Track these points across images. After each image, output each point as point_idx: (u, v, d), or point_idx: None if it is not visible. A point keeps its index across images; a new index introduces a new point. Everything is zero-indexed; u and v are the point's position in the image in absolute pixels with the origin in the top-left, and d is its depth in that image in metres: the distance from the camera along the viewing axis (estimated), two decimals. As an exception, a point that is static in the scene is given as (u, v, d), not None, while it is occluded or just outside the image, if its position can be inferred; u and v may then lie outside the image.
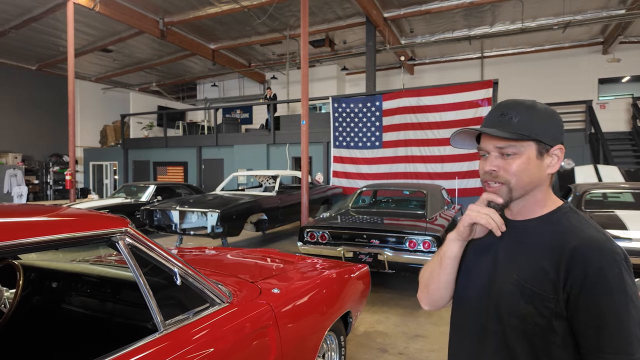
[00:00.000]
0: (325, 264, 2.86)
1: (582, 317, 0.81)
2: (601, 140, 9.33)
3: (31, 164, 15.27)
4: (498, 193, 0.93)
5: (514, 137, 0.90)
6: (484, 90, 8.95)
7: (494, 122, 0.94)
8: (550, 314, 0.84)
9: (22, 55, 14.26)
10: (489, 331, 0.93)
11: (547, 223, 0.92)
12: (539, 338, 0.85)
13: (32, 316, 2.08)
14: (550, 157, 0.93)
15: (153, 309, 1.39)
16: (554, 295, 0.84)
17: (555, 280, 0.84)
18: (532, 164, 0.91)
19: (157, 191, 9.01)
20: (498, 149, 0.93)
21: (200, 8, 11.07)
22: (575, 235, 0.86)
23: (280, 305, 1.92)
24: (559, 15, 10.89)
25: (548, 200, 0.96)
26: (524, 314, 0.86)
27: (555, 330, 0.84)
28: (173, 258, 1.57)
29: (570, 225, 0.89)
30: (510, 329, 0.88)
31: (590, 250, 0.83)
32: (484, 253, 1.00)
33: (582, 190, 5.63)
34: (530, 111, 0.92)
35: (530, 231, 0.93)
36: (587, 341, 0.81)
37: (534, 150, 0.91)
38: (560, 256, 0.85)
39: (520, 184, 0.92)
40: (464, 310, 1.01)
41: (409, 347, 3.37)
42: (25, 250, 1.21)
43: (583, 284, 0.81)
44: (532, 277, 0.87)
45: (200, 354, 1.42)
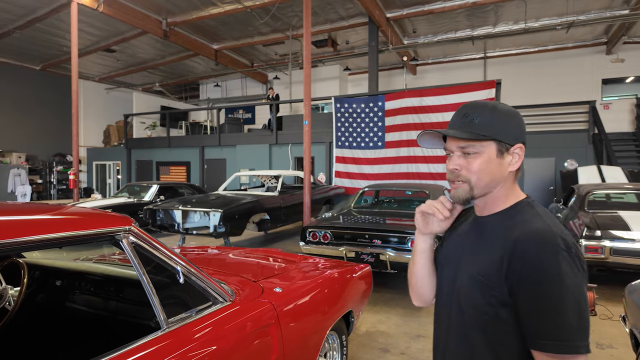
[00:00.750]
0: (327, 263, 2.86)
1: (522, 305, 0.85)
2: (604, 141, 9.30)
3: (35, 164, 15.36)
4: (459, 191, 0.98)
5: (473, 138, 0.94)
6: (487, 91, 8.94)
7: (457, 124, 0.98)
8: (497, 303, 0.88)
9: (26, 55, 14.35)
10: (453, 321, 0.99)
11: (504, 217, 0.96)
12: (491, 327, 0.90)
13: (37, 314, 2.09)
14: (510, 155, 0.96)
15: (156, 307, 1.40)
16: (498, 286, 0.88)
17: (499, 270, 0.88)
18: (493, 163, 0.95)
19: (160, 191, 9.04)
20: (460, 149, 0.97)
21: (203, 8, 11.10)
22: (520, 227, 0.90)
23: (283, 305, 1.93)
24: (563, 16, 10.86)
25: (510, 196, 0.99)
26: (476, 304, 0.92)
27: (503, 319, 0.88)
28: (176, 256, 1.58)
29: (520, 218, 0.93)
30: (468, 319, 0.94)
31: (530, 241, 0.86)
32: (455, 247, 1.06)
33: (585, 190, 5.61)
34: (491, 112, 0.96)
35: (488, 226, 0.98)
36: (527, 329, 0.85)
37: (494, 149, 0.95)
38: (504, 247, 0.89)
39: (481, 182, 0.96)
40: (439, 302, 1.08)
41: (410, 347, 3.37)
42: (29, 248, 1.22)
43: (522, 273, 0.85)
44: (482, 268, 0.92)
45: (202, 352, 1.43)
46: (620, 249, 4.43)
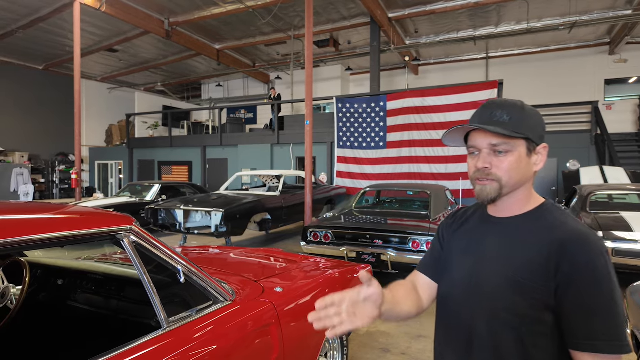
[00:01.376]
0: (328, 263, 2.86)
1: (571, 306, 0.83)
2: (607, 142, 9.27)
3: (38, 163, 15.41)
4: (488, 189, 0.95)
5: (509, 134, 0.91)
6: (489, 91, 8.92)
7: (486, 121, 0.95)
8: (542, 306, 0.86)
9: (29, 55, 14.40)
10: (478, 327, 0.94)
11: (533, 218, 0.95)
12: (528, 329, 0.87)
13: (38, 313, 2.10)
14: (536, 155, 0.96)
15: (157, 306, 1.40)
16: (544, 287, 0.86)
17: (545, 272, 0.86)
18: (523, 162, 0.94)
19: (162, 190, 9.06)
20: (491, 147, 0.94)
21: (205, 8, 11.12)
22: (562, 229, 0.89)
23: (283, 304, 1.93)
24: (565, 16, 10.83)
25: (531, 197, 0.98)
26: (514, 308, 0.88)
27: (544, 321, 0.86)
28: (177, 256, 1.59)
29: (555, 220, 0.92)
30: (501, 323, 0.90)
31: (578, 242, 0.85)
32: (468, 252, 1.01)
33: (587, 191, 5.60)
34: (520, 110, 0.95)
35: (517, 227, 0.95)
36: (577, 330, 0.83)
37: (524, 148, 0.94)
38: (550, 248, 0.87)
39: (511, 181, 0.94)
40: (450, 308, 1.02)
41: (411, 347, 3.37)
42: (31, 247, 1.23)
43: (572, 275, 0.83)
44: (522, 270, 0.89)
45: (203, 351, 1.43)
46: (622, 250, 4.41)
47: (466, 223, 1.07)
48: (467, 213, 1.11)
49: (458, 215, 1.13)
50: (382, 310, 0.88)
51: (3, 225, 1.19)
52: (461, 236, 1.05)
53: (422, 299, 1.11)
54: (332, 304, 0.85)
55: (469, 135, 1.00)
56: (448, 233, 1.11)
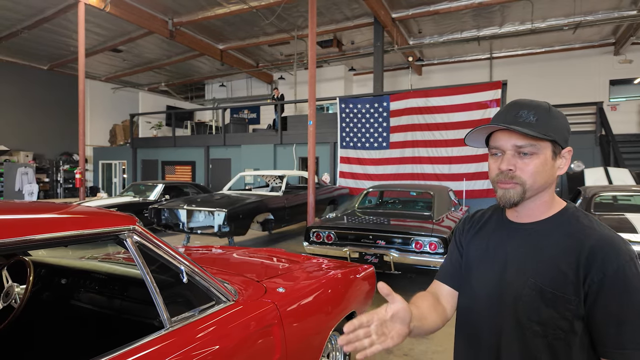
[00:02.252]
0: (331, 264, 2.86)
1: (601, 315, 0.81)
2: (612, 143, 9.21)
3: (42, 163, 15.50)
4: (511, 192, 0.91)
5: (538, 136, 0.87)
6: (493, 91, 8.89)
7: (512, 121, 0.91)
8: (572, 316, 0.84)
9: (34, 55, 14.49)
10: (506, 338, 0.91)
11: (557, 224, 0.91)
12: (561, 341, 0.85)
13: (42, 312, 2.11)
14: (561, 158, 0.93)
15: (159, 306, 1.40)
16: (575, 297, 0.84)
17: (574, 281, 0.84)
18: (548, 165, 0.91)
19: (165, 190, 9.09)
20: (516, 148, 0.90)
21: (208, 9, 11.15)
22: (589, 235, 0.86)
23: (286, 305, 1.93)
24: (570, 16, 10.78)
25: (554, 201, 0.95)
26: (545, 319, 0.85)
27: (576, 331, 0.84)
28: (180, 256, 1.59)
29: (581, 225, 0.89)
30: (531, 335, 0.87)
31: (607, 249, 0.83)
32: (490, 259, 0.97)
33: (592, 192, 5.56)
34: (546, 112, 0.91)
35: (541, 233, 0.92)
36: (607, 339, 0.81)
37: (550, 151, 0.90)
38: (578, 256, 0.84)
39: (535, 185, 0.90)
40: (473, 319, 0.99)
41: (414, 348, 3.36)
42: (34, 247, 1.23)
43: (602, 282, 0.81)
44: (551, 280, 0.86)
45: (205, 351, 1.43)
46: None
47: (484, 227, 1.04)
48: (484, 217, 1.07)
49: (475, 219, 1.09)
50: (410, 327, 0.86)
51: (7, 224, 1.19)
52: (479, 241, 1.02)
53: (446, 309, 1.07)
54: (361, 325, 0.82)
55: (491, 136, 0.96)
56: (465, 238, 1.07)
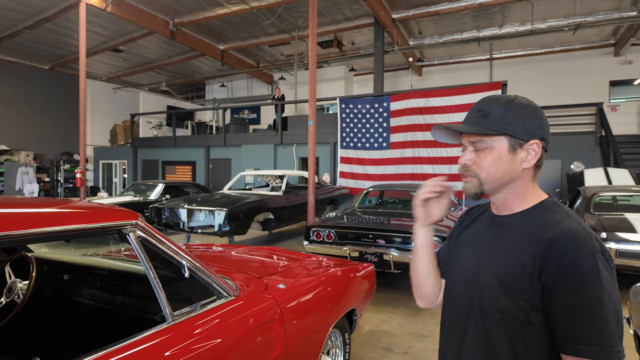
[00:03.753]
0: (331, 262, 2.88)
1: (556, 308, 0.81)
2: (612, 143, 9.22)
3: (42, 162, 15.52)
4: (469, 185, 0.97)
5: (480, 133, 0.91)
6: (493, 92, 8.91)
7: (470, 118, 0.96)
8: (527, 306, 0.84)
9: (35, 55, 14.52)
10: (472, 325, 0.94)
11: (529, 217, 0.93)
12: (517, 331, 0.86)
13: (44, 307, 2.13)
14: (525, 151, 0.92)
15: (162, 300, 1.42)
16: (530, 287, 0.84)
17: (531, 272, 0.84)
18: (504, 159, 0.92)
19: (166, 190, 9.11)
20: (472, 144, 0.96)
21: (209, 9, 11.18)
22: (553, 227, 0.86)
23: (286, 301, 1.95)
24: (570, 17, 10.80)
25: (529, 194, 0.96)
26: (503, 307, 0.87)
27: (532, 322, 0.85)
28: (182, 251, 1.61)
29: (550, 218, 0.89)
30: (491, 322, 0.90)
31: (566, 241, 0.82)
32: (470, 248, 1.02)
33: (591, 192, 5.58)
34: (505, 106, 0.92)
35: (511, 225, 0.94)
36: (562, 332, 0.81)
37: (506, 145, 0.92)
38: (537, 248, 0.85)
39: (490, 178, 0.93)
40: (450, 304, 1.03)
41: (413, 346, 3.38)
42: (39, 240, 1.25)
43: (558, 274, 0.81)
44: (511, 270, 0.88)
45: (206, 344, 1.45)
46: (626, 251, 4.40)
47: (475, 221, 1.08)
48: (478, 211, 1.10)
49: (469, 214, 1.13)
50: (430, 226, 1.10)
51: (12, 217, 1.21)
52: (467, 234, 1.06)
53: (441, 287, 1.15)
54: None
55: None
56: (457, 231, 1.12)
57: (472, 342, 0.94)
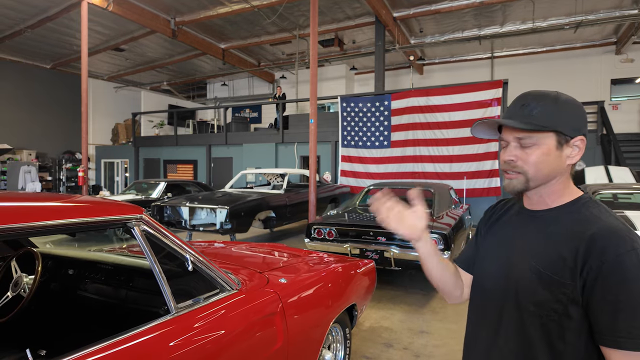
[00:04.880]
0: (332, 258, 2.91)
1: (598, 303, 0.83)
2: (613, 142, 9.23)
3: (45, 161, 15.58)
4: (514, 182, 0.96)
5: (531, 128, 0.91)
6: (494, 90, 8.92)
7: (515, 113, 0.94)
8: (567, 300, 0.86)
9: (37, 54, 14.56)
10: (506, 318, 0.95)
11: (567, 212, 0.93)
12: (555, 323, 0.87)
13: (50, 301, 2.16)
14: (570, 147, 0.93)
15: (166, 292, 1.45)
16: (571, 282, 0.85)
17: (572, 267, 0.86)
18: (552, 155, 0.92)
19: (167, 188, 9.15)
20: (517, 140, 0.94)
21: (211, 8, 11.20)
22: (594, 223, 0.87)
23: (287, 295, 1.98)
24: (571, 15, 10.79)
25: (566, 190, 0.96)
26: (541, 300, 0.89)
27: (571, 315, 0.86)
28: (185, 245, 1.64)
29: (589, 214, 0.90)
30: (527, 315, 0.91)
31: (608, 237, 0.84)
32: (501, 243, 1.02)
33: (591, 190, 5.59)
34: (552, 102, 0.92)
35: (549, 220, 0.95)
36: (602, 325, 0.82)
37: (554, 141, 0.92)
38: (579, 243, 0.86)
39: (539, 174, 0.93)
40: (481, 298, 1.04)
41: (413, 342, 3.40)
42: (46, 233, 1.28)
43: (600, 270, 0.82)
44: (550, 264, 0.89)
45: (210, 336, 1.48)
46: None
47: (504, 215, 1.08)
48: (506, 205, 1.11)
49: (497, 208, 1.13)
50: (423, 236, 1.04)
51: (21, 211, 1.24)
52: (497, 228, 1.07)
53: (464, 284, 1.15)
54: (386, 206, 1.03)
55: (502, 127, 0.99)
56: (486, 225, 1.12)
57: (507, 335, 0.95)
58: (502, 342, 0.96)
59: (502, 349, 0.95)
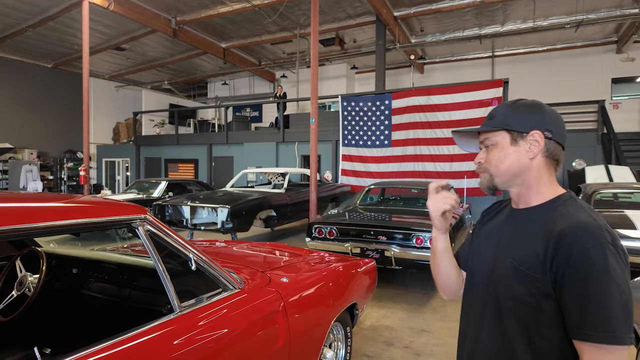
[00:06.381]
0: (333, 257, 2.93)
1: (566, 296, 0.86)
2: (613, 141, 9.23)
3: (46, 160, 15.61)
4: (482, 179, 1.07)
5: (483, 130, 1.04)
6: (494, 90, 8.92)
7: (484, 123, 1.07)
8: (539, 294, 0.89)
9: (38, 54, 14.58)
10: (489, 313, 1.00)
11: (545, 210, 0.97)
12: (530, 317, 0.91)
13: (54, 300, 2.19)
14: (527, 143, 0.99)
15: (170, 291, 1.47)
16: (542, 276, 0.89)
17: (543, 262, 0.89)
18: (508, 151, 1.00)
19: (169, 187, 9.17)
20: (482, 144, 1.07)
21: (212, 7, 11.21)
22: (566, 219, 0.91)
23: (289, 294, 2.00)
24: (572, 14, 10.78)
25: (545, 187, 1.00)
26: (516, 295, 0.93)
27: (544, 309, 0.89)
28: (189, 245, 1.66)
29: (565, 211, 0.94)
30: (506, 310, 0.95)
31: (576, 233, 0.86)
32: (489, 241, 1.07)
33: (592, 190, 5.60)
34: (508, 106, 1.04)
35: (527, 217, 0.99)
36: (572, 319, 0.85)
37: (507, 138, 1.01)
38: (549, 238, 0.90)
39: (498, 170, 1.02)
40: (470, 294, 1.09)
41: (414, 341, 3.43)
42: (52, 233, 1.30)
43: (567, 264, 0.85)
44: (524, 259, 0.93)
45: (212, 334, 1.50)
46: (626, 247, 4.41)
47: (495, 216, 1.14)
48: (500, 206, 1.16)
49: (492, 209, 1.19)
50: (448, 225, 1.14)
51: (28, 211, 1.26)
52: (488, 228, 1.13)
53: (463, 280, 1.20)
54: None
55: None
56: (480, 226, 1.18)
57: (490, 329, 0.99)
58: (485, 336, 1.00)
59: (486, 343, 1.00)
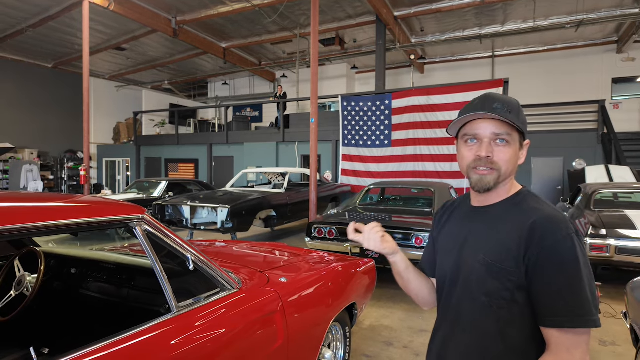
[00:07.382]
0: (332, 257, 2.92)
1: (539, 285, 0.88)
2: (614, 141, 9.21)
3: (47, 160, 15.62)
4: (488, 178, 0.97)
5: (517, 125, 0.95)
6: (495, 89, 8.91)
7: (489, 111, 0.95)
8: (513, 287, 0.91)
9: (38, 54, 14.59)
10: (462, 310, 1.00)
11: (510, 206, 0.99)
12: (505, 310, 0.93)
13: (52, 300, 2.19)
14: (523, 150, 1.01)
15: (167, 291, 1.47)
16: (517, 269, 0.91)
17: (516, 255, 0.91)
18: (516, 154, 0.99)
19: (169, 187, 9.18)
20: (495, 136, 0.96)
21: (212, 7, 11.21)
22: (534, 213, 0.93)
23: (288, 294, 1.99)
24: (572, 14, 10.77)
25: (512, 186, 1.03)
26: (491, 290, 0.94)
27: (517, 301, 0.91)
28: (187, 245, 1.66)
29: (529, 205, 0.96)
30: (480, 306, 0.96)
31: (546, 225, 0.90)
32: (454, 241, 1.07)
33: (592, 190, 5.59)
34: (517, 106, 0.99)
35: (495, 215, 1.00)
36: (544, 307, 0.88)
37: (518, 141, 0.99)
38: (521, 232, 0.92)
39: (507, 172, 0.98)
40: (442, 294, 1.09)
41: (413, 340, 3.42)
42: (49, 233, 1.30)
43: (539, 255, 0.88)
44: (497, 255, 0.94)
45: (210, 334, 1.50)
46: (626, 247, 4.42)
47: (452, 215, 1.13)
48: (453, 205, 1.16)
49: (446, 209, 1.18)
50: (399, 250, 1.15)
51: (25, 211, 1.26)
52: (448, 228, 1.12)
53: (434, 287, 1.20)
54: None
55: (465, 125, 1.01)
56: (437, 228, 1.17)
57: (463, 326, 1.00)
58: (458, 333, 1.01)
59: (458, 341, 1.01)
